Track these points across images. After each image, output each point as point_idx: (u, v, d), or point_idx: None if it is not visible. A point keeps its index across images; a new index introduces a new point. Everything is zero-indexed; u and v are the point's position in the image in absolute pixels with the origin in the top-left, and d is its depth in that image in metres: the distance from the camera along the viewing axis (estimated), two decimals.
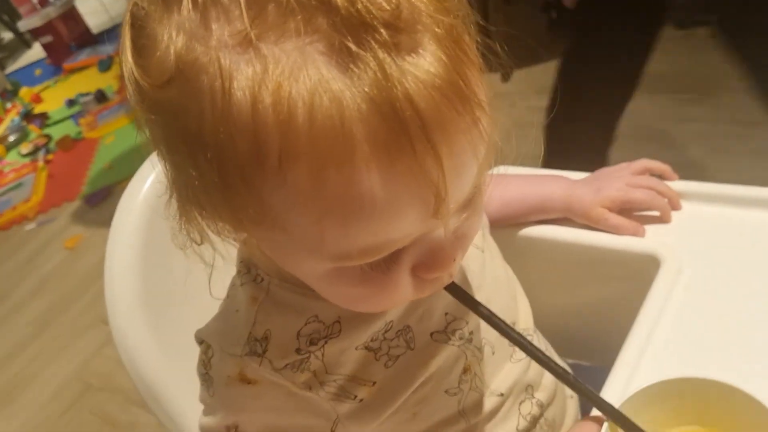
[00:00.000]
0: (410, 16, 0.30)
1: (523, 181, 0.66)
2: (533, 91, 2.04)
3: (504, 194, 0.64)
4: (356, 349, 0.47)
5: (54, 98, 3.57)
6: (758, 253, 0.57)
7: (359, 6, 0.29)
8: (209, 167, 0.32)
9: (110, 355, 1.82)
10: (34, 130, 3.27)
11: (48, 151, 3.02)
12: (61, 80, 3.79)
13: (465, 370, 0.52)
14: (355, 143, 0.29)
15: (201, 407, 0.50)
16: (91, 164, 2.79)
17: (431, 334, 0.50)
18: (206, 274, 0.43)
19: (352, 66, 0.29)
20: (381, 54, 0.29)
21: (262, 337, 0.46)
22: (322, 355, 0.46)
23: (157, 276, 0.63)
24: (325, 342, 0.46)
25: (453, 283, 0.42)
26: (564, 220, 0.65)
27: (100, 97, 3.23)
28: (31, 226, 2.57)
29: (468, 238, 0.40)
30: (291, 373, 0.46)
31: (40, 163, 2.95)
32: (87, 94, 3.29)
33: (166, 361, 0.61)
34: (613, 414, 0.42)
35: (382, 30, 0.29)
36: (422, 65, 0.30)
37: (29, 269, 2.33)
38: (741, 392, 0.40)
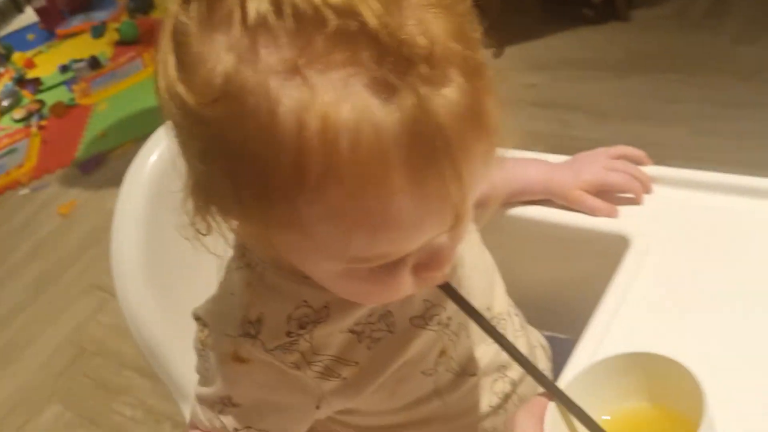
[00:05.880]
0: (442, 52, 0.33)
1: (507, 165, 0.69)
2: (526, 67, 2.06)
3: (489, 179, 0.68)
4: (341, 332, 0.51)
5: (47, 64, 3.54)
6: (720, 237, 0.61)
7: (402, 42, 0.32)
8: (248, 180, 0.35)
9: (104, 321, 1.85)
10: (26, 95, 3.26)
11: (41, 117, 3.01)
12: (54, 46, 3.75)
13: (441, 353, 0.56)
14: (393, 168, 0.33)
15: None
16: (84, 131, 2.79)
17: (410, 319, 0.53)
18: (206, 250, 0.47)
19: (391, 95, 0.32)
20: (419, 87, 0.32)
21: (255, 320, 0.49)
22: (311, 337, 0.50)
23: (162, 246, 0.67)
24: (314, 326, 0.49)
25: (446, 283, 0.46)
26: (544, 201, 0.69)
27: (94, 63, 3.21)
28: (24, 191, 2.58)
29: (461, 239, 0.43)
30: (281, 353, 0.49)
31: (33, 129, 2.94)
32: (80, 61, 3.27)
33: (168, 325, 0.65)
34: (560, 396, 0.45)
35: (420, 65, 0.32)
36: (452, 97, 0.33)
37: (24, 235, 2.34)
38: (683, 368, 0.42)
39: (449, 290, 0.47)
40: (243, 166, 0.35)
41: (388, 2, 0.32)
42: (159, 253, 0.68)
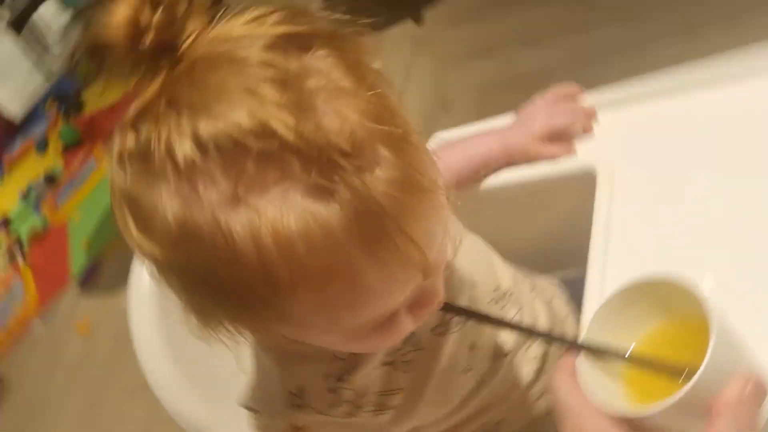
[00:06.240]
0: (363, 136, 0.36)
1: (463, 146, 0.73)
2: (449, 23, 2.07)
3: (450, 165, 0.71)
4: (375, 368, 0.54)
5: (7, 197, 3.53)
6: (671, 139, 0.64)
7: (321, 148, 0.34)
8: (229, 299, 0.38)
9: (164, 414, 1.87)
10: (1, 236, 3.27)
11: (23, 251, 3.03)
12: (7, 176, 3.76)
13: (471, 347, 0.59)
14: (349, 254, 0.36)
15: None
16: (68, 247, 2.81)
17: (432, 330, 0.56)
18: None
19: (328, 197, 0.35)
20: (349, 179, 0.35)
21: (297, 391, 0.52)
22: (351, 385, 0.53)
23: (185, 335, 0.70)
24: (350, 374, 0.53)
25: (446, 303, 0.48)
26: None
27: (50, 179, 3.22)
28: (38, 327, 2.60)
29: (443, 263, 0.45)
30: (331, 410, 0.53)
31: (21, 265, 2.96)
32: (37, 181, 3.29)
33: (210, 409, 0.70)
34: (583, 347, 0.47)
35: (342, 161, 0.35)
36: (383, 176, 0.36)
37: (54, 366, 2.35)
38: (680, 280, 0.45)
39: (450, 308, 0.50)
40: (220, 289, 0.38)
41: (298, 108, 0.35)
42: (183, 343, 0.71)
